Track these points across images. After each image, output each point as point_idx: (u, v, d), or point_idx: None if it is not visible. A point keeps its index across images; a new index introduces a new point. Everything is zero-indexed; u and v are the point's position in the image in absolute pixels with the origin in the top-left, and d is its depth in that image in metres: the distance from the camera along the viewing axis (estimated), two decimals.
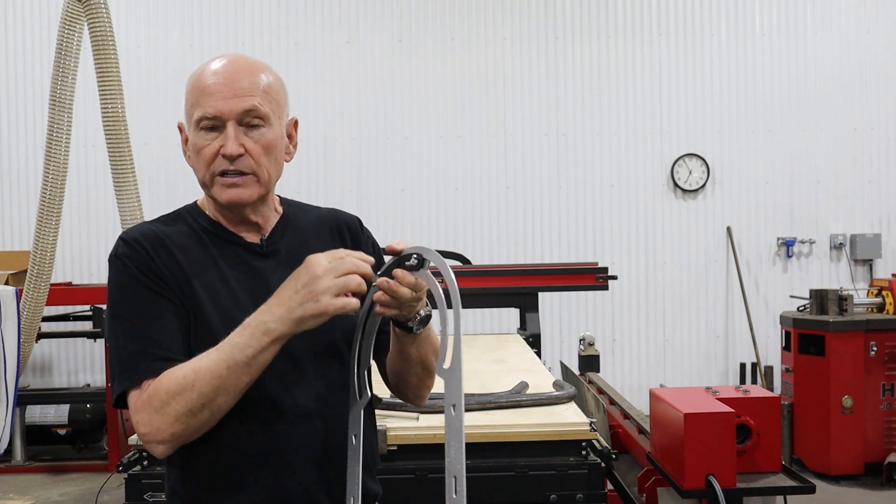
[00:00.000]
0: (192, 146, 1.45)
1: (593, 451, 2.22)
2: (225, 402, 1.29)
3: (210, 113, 1.40)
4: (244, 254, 1.48)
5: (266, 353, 1.27)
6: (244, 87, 1.41)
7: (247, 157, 1.42)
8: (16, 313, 3.95)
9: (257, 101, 1.42)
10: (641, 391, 6.18)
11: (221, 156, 1.41)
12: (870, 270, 6.79)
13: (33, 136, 6.67)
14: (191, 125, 1.44)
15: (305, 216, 1.60)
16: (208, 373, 1.27)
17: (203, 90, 1.42)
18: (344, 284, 1.23)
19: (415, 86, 6.78)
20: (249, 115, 1.41)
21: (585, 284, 4.66)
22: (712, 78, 6.82)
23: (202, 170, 1.44)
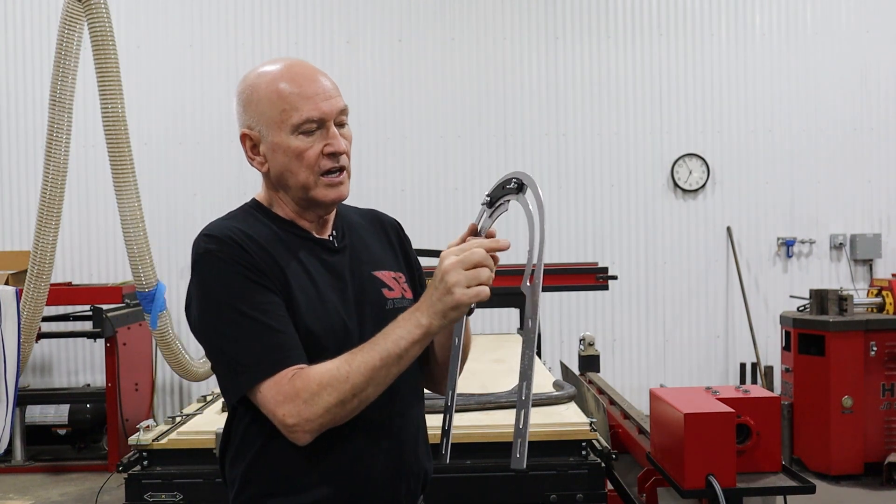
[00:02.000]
0: (286, 150, 1.46)
1: (593, 451, 2.22)
2: (374, 393, 1.35)
3: (315, 115, 1.45)
4: (319, 250, 1.53)
5: (418, 345, 1.33)
6: (333, 88, 1.49)
7: (345, 155, 1.49)
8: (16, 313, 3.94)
9: (343, 100, 1.49)
10: (641, 391, 6.18)
11: (326, 155, 1.46)
12: (870, 270, 6.79)
13: (33, 136, 6.67)
14: (280, 130, 1.46)
15: (353, 214, 1.67)
16: (363, 364, 1.32)
17: (298, 95, 1.45)
18: (474, 278, 1.29)
19: (415, 86, 6.78)
20: (343, 113, 1.49)
21: (585, 284, 4.67)
22: (712, 78, 6.82)
23: (304, 173, 1.47)
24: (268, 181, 1.55)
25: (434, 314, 1.32)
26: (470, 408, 2.30)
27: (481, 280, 1.30)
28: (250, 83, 1.51)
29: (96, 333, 5.67)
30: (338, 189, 1.49)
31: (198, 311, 1.44)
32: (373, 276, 1.57)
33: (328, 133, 1.47)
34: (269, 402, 1.35)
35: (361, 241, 1.61)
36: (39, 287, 4.24)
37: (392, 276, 1.60)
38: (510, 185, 1.42)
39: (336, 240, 1.57)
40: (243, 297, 1.39)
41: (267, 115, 1.47)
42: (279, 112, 1.45)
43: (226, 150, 6.65)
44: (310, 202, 1.51)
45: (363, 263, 1.57)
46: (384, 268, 1.60)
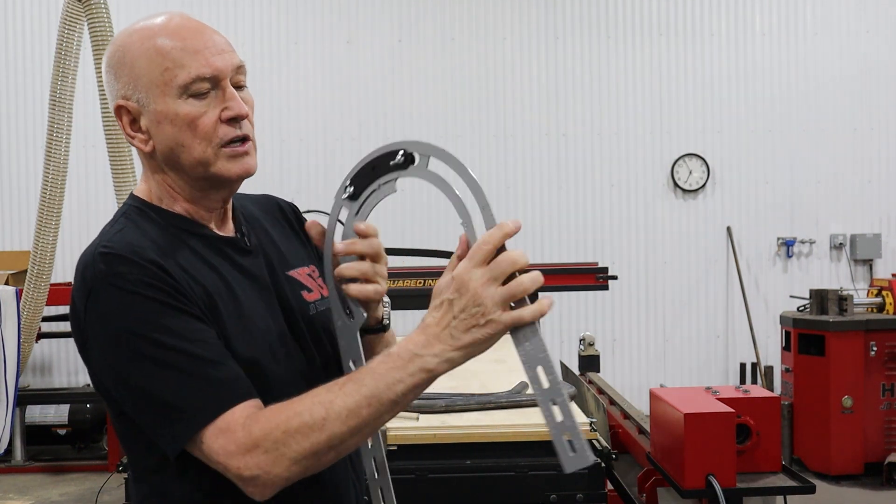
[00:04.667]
0: (177, 120, 1.16)
1: (593, 451, 2.22)
2: (356, 444, 1.09)
3: (206, 72, 1.16)
4: (230, 252, 1.24)
5: (419, 390, 1.05)
6: (224, 42, 1.21)
7: (246, 122, 1.21)
8: (16, 313, 3.95)
9: (238, 57, 1.22)
10: (641, 391, 6.17)
11: (225, 122, 1.17)
12: (870, 270, 6.79)
13: (33, 136, 6.67)
14: (164, 95, 1.16)
15: (247, 203, 1.37)
16: (345, 410, 1.03)
17: (183, 49, 1.16)
18: (510, 294, 1.00)
19: (415, 86, 6.78)
20: (240, 72, 1.21)
21: (585, 284, 4.67)
22: (712, 78, 6.82)
23: (200, 145, 1.17)
24: (152, 164, 1.23)
25: (454, 354, 1.03)
26: (470, 408, 2.30)
27: (517, 295, 1.00)
28: (120, 44, 1.20)
29: None
30: (243, 161, 1.19)
31: (102, 350, 1.12)
32: (288, 278, 1.29)
33: (225, 94, 1.17)
34: (218, 454, 1.06)
35: (267, 236, 1.32)
36: (39, 287, 4.25)
37: (306, 272, 1.33)
38: (395, 159, 1.09)
39: (244, 238, 1.28)
40: (166, 327, 1.08)
41: (145, 79, 1.17)
42: (161, 72, 1.16)
43: None
44: (211, 181, 1.20)
45: (277, 264, 1.29)
46: (296, 265, 1.33)
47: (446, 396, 2.31)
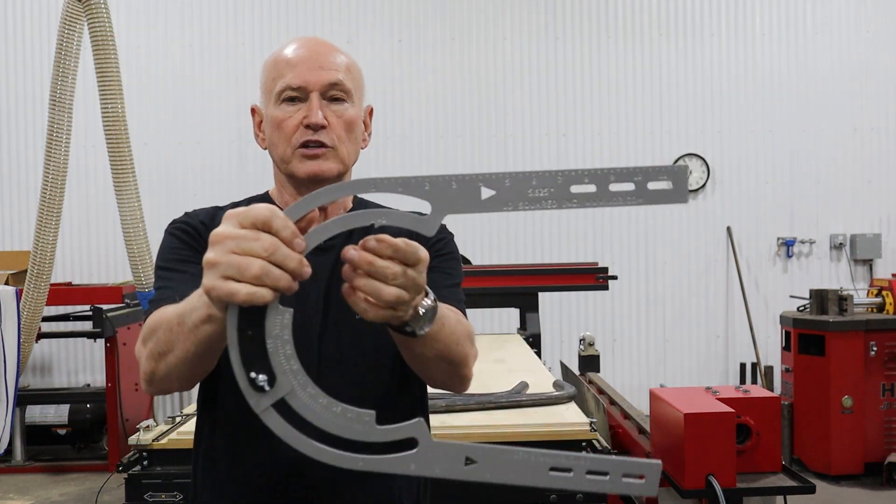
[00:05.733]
0: (270, 121, 1.38)
1: (593, 451, 2.22)
2: (178, 362, 1.10)
3: (294, 83, 1.35)
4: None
5: (206, 326, 1.01)
6: (329, 61, 1.38)
7: (329, 131, 1.36)
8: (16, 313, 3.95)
9: (341, 75, 1.38)
10: (641, 391, 6.18)
11: (304, 126, 1.35)
12: (870, 270, 6.79)
13: (33, 136, 6.67)
14: (269, 101, 1.39)
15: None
16: (166, 322, 1.11)
17: (286, 62, 1.37)
18: (237, 268, 0.83)
19: (415, 86, 6.79)
20: (334, 87, 1.37)
21: (585, 284, 4.67)
22: (712, 78, 6.82)
23: (282, 144, 1.37)
24: (273, 161, 1.45)
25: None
26: (470, 408, 2.30)
27: (247, 276, 0.83)
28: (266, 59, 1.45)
29: (96, 333, 5.67)
30: (313, 163, 1.35)
31: None
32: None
33: (309, 104, 1.36)
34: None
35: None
36: (39, 287, 4.25)
37: None
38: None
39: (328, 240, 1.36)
40: (165, 256, 1.35)
41: (263, 86, 1.41)
42: (269, 81, 1.39)
43: (226, 150, 6.66)
44: (290, 178, 1.40)
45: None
46: None
47: (446, 396, 2.31)
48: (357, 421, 0.81)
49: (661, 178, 0.80)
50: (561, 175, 0.79)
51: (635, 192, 0.79)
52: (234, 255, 0.84)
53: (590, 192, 0.79)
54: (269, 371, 0.82)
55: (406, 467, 0.81)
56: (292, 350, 0.83)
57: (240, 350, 0.83)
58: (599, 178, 0.79)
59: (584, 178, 0.79)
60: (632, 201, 0.79)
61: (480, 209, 0.82)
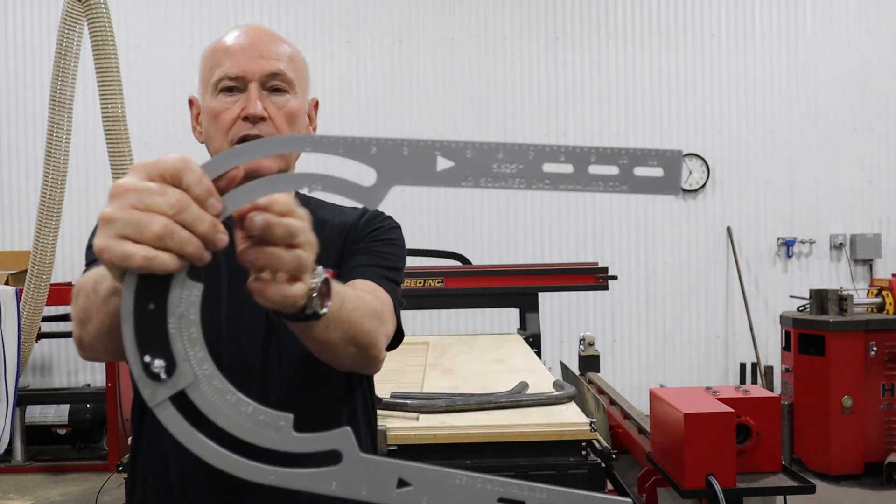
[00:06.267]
0: (207, 112, 1.31)
1: (593, 451, 2.22)
2: (98, 333, 1.00)
3: (232, 72, 1.28)
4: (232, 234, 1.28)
5: (115, 298, 0.89)
6: (270, 50, 1.31)
7: (269, 123, 1.28)
8: (16, 313, 3.95)
9: (283, 65, 1.31)
10: (641, 391, 6.17)
11: (242, 119, 1.28)
12: (870, 270, 6.79)
13: (33, 136, 6.67)
14: (207, 91, 1.32)
15: (333, 215, 1.41)
16: (85, 287, 1.01)
17: (225, 51, 1.30)
18: (135, 225, 0.68)
19: (415, 86, 6.79)
20: (275, 78, 1.30)
21: (585, 284, 4.66)
22: (712, 78, 6.82)
23: (219, 137, 1.30)
24: None
25: None
26: (470, 408, 2.30)
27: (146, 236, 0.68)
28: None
29: None
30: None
31: None
32: None
33: (249, 95, 1.28)
34: None
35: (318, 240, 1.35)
36: (39, 287, 4.24)
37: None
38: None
39: None
40: None
41: (201, 76, 1.34)
42: (206, 70, 1.32)
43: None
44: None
45: None
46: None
47: (446, 396, 2.31)
48: (270, 425, 0.67)
49: (650, 164, 0.69)
50: (533, 150, 0.67)
51: (619, 178, 0.68)
52: (134, 211, 0.68)
53: (565, 173, 0.67)
54: (168, 356, 0.67)
55: (326, 485, 0.67)
56: (199, 333, 0.69)
57: (134, 328, 0.68)
58: (578, 156, 0.67)
59: (560, 155, 0.66)
60: (614, 187, 0.68)
61: (435, 182, 0.69)
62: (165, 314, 0.68)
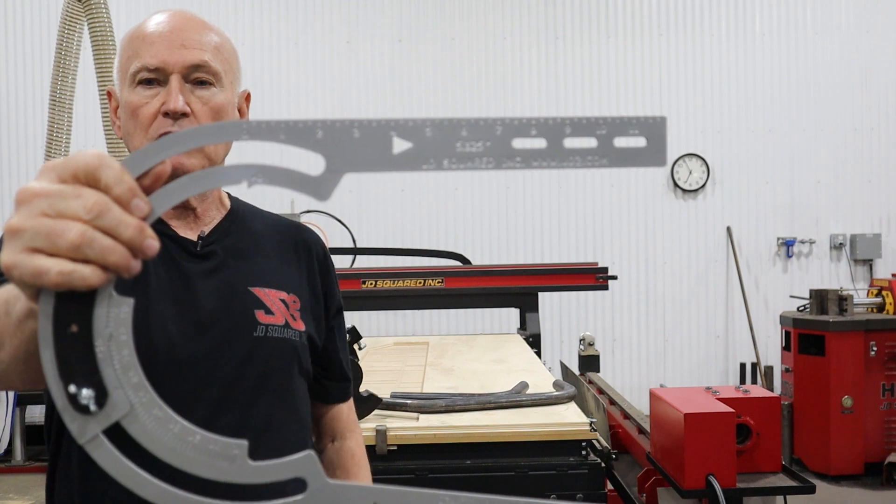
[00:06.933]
0: (125, 106, 1.19)
1: (593, 451, 2.22)
2: (12, 360, 0.84)
3: (151, 63, 1.16)
4: (176, 251, 1.20)
5: (31, 321, 0.77)
6: (193, 39, 1.19)
7: (192, 120, 1.18)
8: None
9: (208, 56, 1.19)
10: (641, 391, 6.18)
11: (162, 114, 1.16)
12: (870, 270, 6.79)
13: (33, 136, 6.67)
14: (124, 83, 1.20)
15: (258, 219, 1.33)
16: None
17: (143, 39, 1.18)
18: (46, 235, 0.58)
19: (415, 86, 6.79)
20: (199, 70, 1.19)
21: (585, 284, 4.66)
22: (712, 78, 6.82)
23: (138, 134, 1.18)
24: None
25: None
26: (470, 408, 2.30)
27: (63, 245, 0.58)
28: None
29: None
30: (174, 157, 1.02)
31: None
32: (248, 293, 1.22)
33: (169, 89, 1.17)
34: None
35: (248, 250, 1.27)
36: None
37: (281, 297, 1.25)
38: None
39: (203, 241, 1.23)
40: None
41: (119, 67, 1.23)
42: (124, 61, 1.21)
43: None
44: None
45: (238, 275, 1.23)
46: (272, 285, 1.25)
47: (446, 396, 2.31)
48: (223, 455, 0.59)
49: (630, 133, 0.61)
50: (500, 124, 0.60)
51: (598, 150, 0.61)
52: (45, 219, 0.58)
53: (538, 149, 0.61)
54: (97, 384, 0.59)
55: None
56: (132, 356, 0.59)
57: (55, 353, 0.59)
58: (551, 129, 0.60)
59: (531, 129, 0.60)
60: (593, 162, 0.61)
61: (392, 166, 0.61)
62: (91, 336, 0.59)
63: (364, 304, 4.37)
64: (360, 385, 2.05)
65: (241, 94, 1.30)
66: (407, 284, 4.29)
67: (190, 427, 0.59)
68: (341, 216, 5.73)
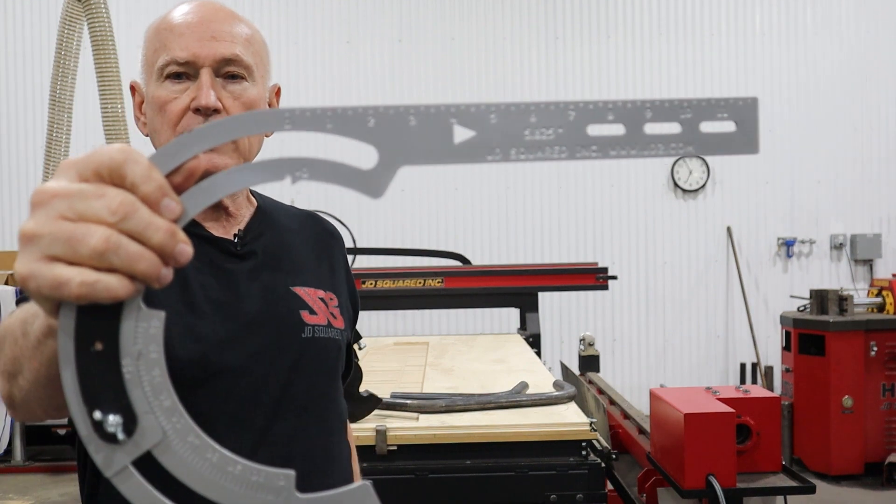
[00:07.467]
0: (152, 102, 1.13)
1: (593, 451, 2.22)
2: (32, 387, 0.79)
3: (181, 56, 1.10)
4: (214, 253, 1.13)
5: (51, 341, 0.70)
6: (224, 31, 1.13)
7: (223, 116, 1.09)
8: None
9: (239, 48, 1.13)
10: (641, 391, 6.18)
11: (193, 111, 1.10)
12: (870, 270, 6.79)
13: (33, 136, 6.67)
14: (151, 77, 1.13)
15: (283, 213, 1.29)
16: (11, 331, 0.80)
17: (171, 30, 1.12)
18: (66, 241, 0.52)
19: (415, 86, 6.79)
20: (230, 63, 1.12)
21: (585, 284, 4.66)
22: (712, 78, 6.82)
23: (166, 132, 1.11)
24: None
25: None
26: (470, 408, 2.30)
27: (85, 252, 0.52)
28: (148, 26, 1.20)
29: None
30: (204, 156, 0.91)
31: None
32: (290, 293, 1.16)
33: (200, 84, 1.10)
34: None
35: (283, 247, 1.22)
36: None
37: (320, 295, 1.21)
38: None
39: (241, 241, 1.17)
40: None
41: (145, 59, 1.16)
42: (150, 54, 1.14)
43: None
44: None
45: (279, 275, 1.17)
46: (310, 284, 1.20)
47: (446, 396, 2.31)
48: (267, 487, 0.53)
49: (719, 116, 0.56)
50: (574, 108, 0.55)
51: (682, 137, 0.55)
52: (65, 223, 0.51)
53: (616, 136, 0.55)
54: (125, 410, 0.52)
55: None
56: (164, 376, 0.53)
57: (78, 375, 0.52)
58: (630, 114, 0.55)
59: (608, 113, 0.55)
60: (677, 150, 0.55)
61: (452, 158, 0.55)
62: (118, 355, 0.53)
63: (364, 304, 4.35)
64: (360, 385, 2.05)
65: (272, 88, 1.25)
66: (407, 284, 4.29)
67: (230, 456, 0.54)
68: (341, 216, 5.72)
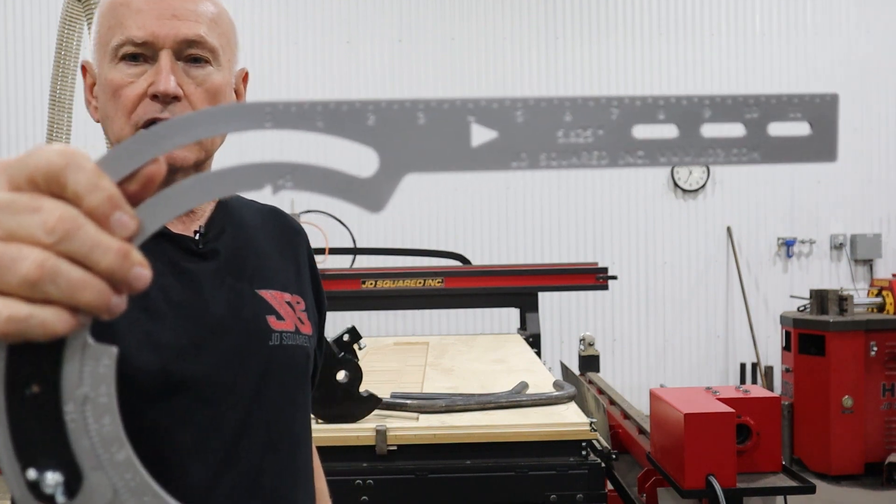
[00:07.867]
0: (104, 85, 1.00)
1: (593, 451, 2.22)
2: None
3: (138, 36, 0.97)
4: (172, 250, 1.02)
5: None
6: (188, 9, 1.02)
7: (184, 104, 1.00)
8: None
9: (203, 29, 1.02)
10: (641, 391, 6.18)
11: (150, 97, 0.98)
12: (870, 270, 6.79)
13: (33, 136, 6.67)
14: (105, 58, 1.00)
15: (246, 209, 1.18)
16: None
17: (128, 6, 0.99)
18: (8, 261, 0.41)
19: (415, 86, 6.79)
20: (193, 45, 1.01)
21: (585, 284, 4.66)
22: (712, 78, 6.82)
23: (119, 119, 0.99)
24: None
25: None
26: (470, 408, 2.30)
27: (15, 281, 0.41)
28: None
29: None
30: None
31: None
32: (255, 297, 1.06)
33: (159, 67, 0.98)
34: None
35: (248, 246, 1.11)
36: None
37: (286, 299, 1.10)
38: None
39: (202, 238, 1.05)
40: None
41: (97, 36, 1.02)
42: (104, 31, 1.01)
43: (227, 150, 6.65)
44: None
45: (244, 277, 1.06)
46: (276, 286, 1.10)
47: (446, 396, 2.31)
48: None
49: (791, 117, 0.46)
50: (617, 105, 0.45)
51: (746, 141, 0.45)
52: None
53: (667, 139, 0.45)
54: (67, 465, 0.43)
55: None
56: (115, 424, 0.44)
57: (9, 426, 0.43)
58: (684, 112, 0.45)
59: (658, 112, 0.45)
60: (740, 157, 0.46)
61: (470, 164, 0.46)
62: (59, 400, 0.43)
63: (364, 304, 4.37)
64: (359, 385, 2.05)
65: (239, 73, 1.15)
66: (407, 284, 4.29)
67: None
68: (341, 216, 5.72)
